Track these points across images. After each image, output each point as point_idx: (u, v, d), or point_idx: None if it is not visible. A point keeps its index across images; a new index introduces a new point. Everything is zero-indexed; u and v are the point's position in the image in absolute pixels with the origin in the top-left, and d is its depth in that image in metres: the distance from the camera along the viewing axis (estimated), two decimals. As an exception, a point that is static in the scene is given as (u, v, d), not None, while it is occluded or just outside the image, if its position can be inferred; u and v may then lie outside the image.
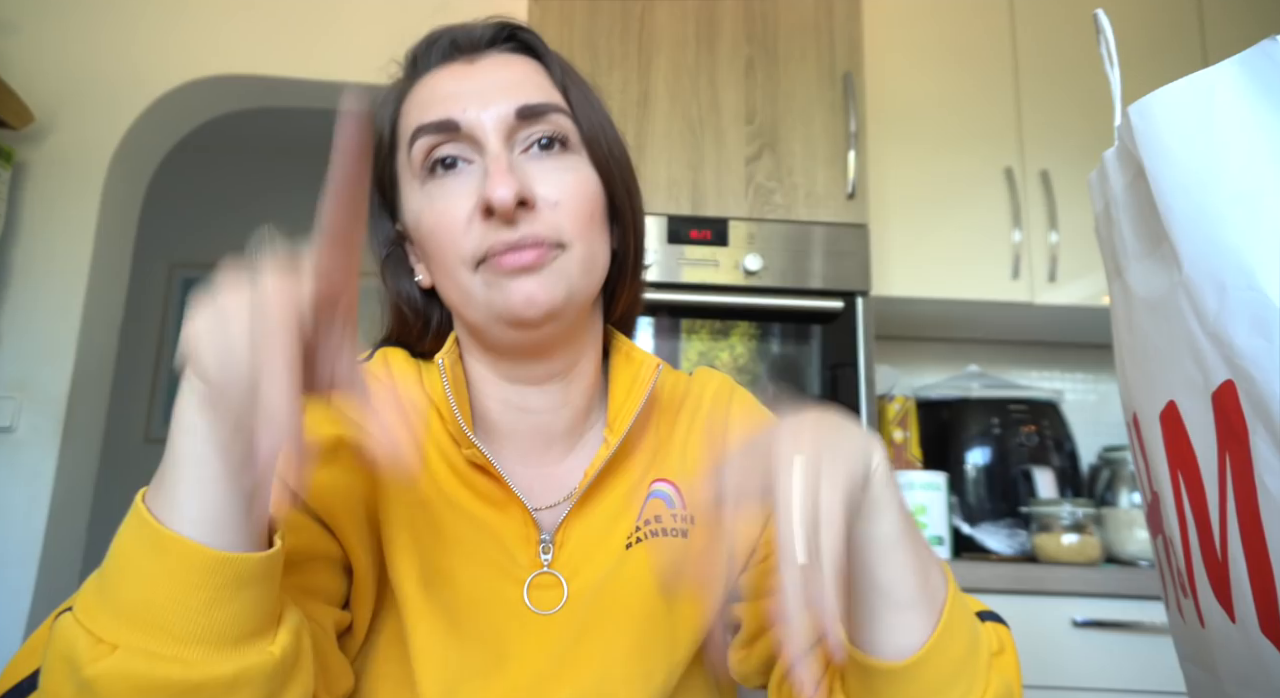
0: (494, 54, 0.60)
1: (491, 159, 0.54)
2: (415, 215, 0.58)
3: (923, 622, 0.48)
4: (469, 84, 0.57)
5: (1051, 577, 1.49)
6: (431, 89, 0.59)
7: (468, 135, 0.56)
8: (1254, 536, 0.43)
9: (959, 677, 0.49)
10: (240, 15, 1.96)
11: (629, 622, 0.56)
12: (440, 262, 0.57)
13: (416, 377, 0.62)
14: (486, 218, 0.54)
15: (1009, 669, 0.52)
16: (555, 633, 0.55)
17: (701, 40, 1.75)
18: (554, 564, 0.57)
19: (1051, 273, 1.90)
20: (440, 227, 0.55)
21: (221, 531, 0.39)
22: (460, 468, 0.59)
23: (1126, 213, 0.54)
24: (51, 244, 1.79)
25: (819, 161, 1.72)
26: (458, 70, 0.59)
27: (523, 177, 0.55)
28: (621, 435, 0.60)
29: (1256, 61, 0.43)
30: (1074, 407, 2.15)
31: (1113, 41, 0.56)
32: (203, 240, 3.24)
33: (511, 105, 0.56)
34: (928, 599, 0.49)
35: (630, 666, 0.55)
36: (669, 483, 0.62)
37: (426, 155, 0.57)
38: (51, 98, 1.83)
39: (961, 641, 0.49)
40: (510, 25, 0.62)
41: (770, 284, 1.64)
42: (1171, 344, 0.49)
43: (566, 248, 0.56)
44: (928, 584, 0.49)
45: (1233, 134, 0.43)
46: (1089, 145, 1.93)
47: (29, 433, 1.71)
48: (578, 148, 0.59)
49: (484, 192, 0.53)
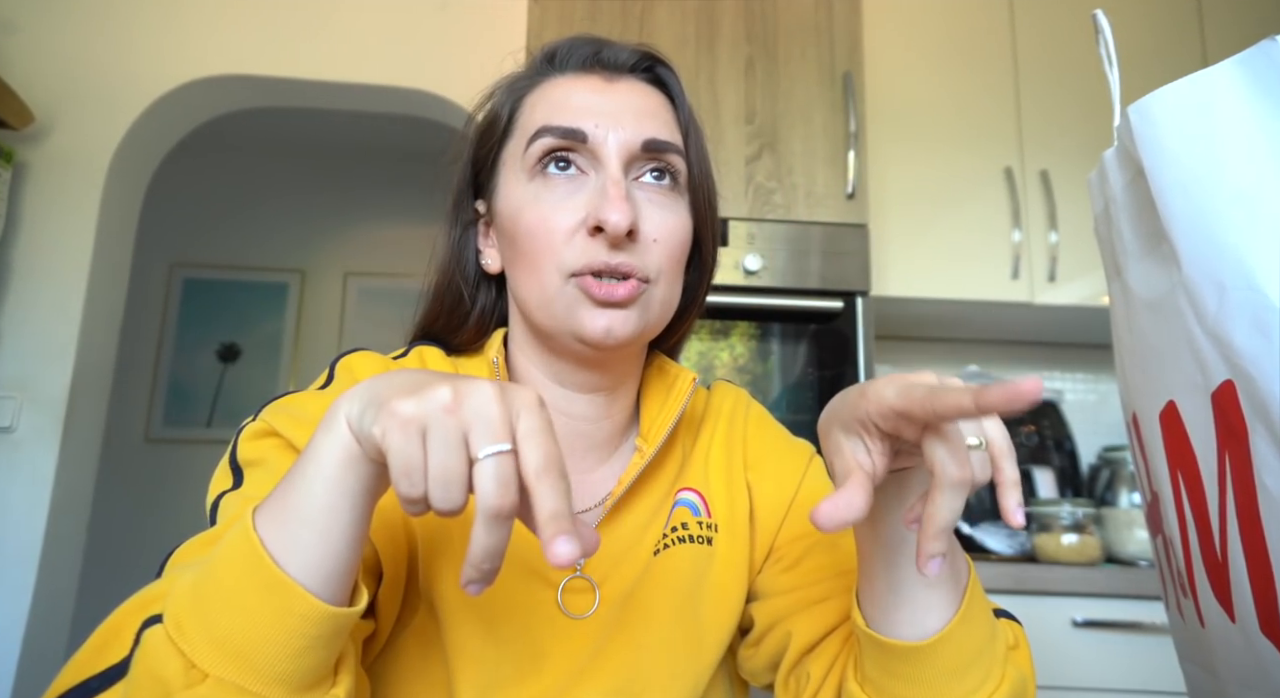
0: (631, 79, 0.61)
1: (611, 181, 0.56)
2: (514, 208, 0.58)
3: (947, 602, 0.49)
4: (603, 102, 0.58)
5: (1051, 577, 1.49)
6: (565, 93, 0.59)
7: (591, 150, 0.57)
8: (1254, 535, 0.43)
9: (977, 662, 0.49)
10: (240, 15, 1.96)
11: (656, 625, 0.57)
12: (531, 261, 0.57)
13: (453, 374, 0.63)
14: (592, 235, 0.55)
15: (1024, 664, 0.53)
16: (587, 636, 0.56)
17: (701, 40, 1.75)
18: (586, 569, 0.58)
19: (1051, 273, 1.90)
20: (543, 229, 0.56)
21: (330, 583, 0.39)
22: None
23: (1126, 213, 0.54)
24: (51, 244, 1.79)
25: (819, 161, 1.72)
26: (595, 84, 0.59)
27: (634, 206, 0.56)
28: (656, 447, 0.61)
29: (1256, 61, 0.43)
30: (1074, 407, 2.15)
31: (1112, 42, 0.56)
32: (203, 240, 3.24)
33: (640, 135, 0.57)
34: (954, 580, 0.49)
35: (658, 667, 0.56)
36: (694, 492, 0.63)
37: (544, 154, 0.57)
38: (51, 98, 1.83)
39: (981, 626, 0.50)
40: (654, 57, 0.63)
41: (770, 284, 1.64)
42: (1171, 344, 0.49)
43: (652, 284, 0.58)
44: (955, 563, 0.50)
45: (1232, 134, 0.43)
46: (1089, 145, 1.93)
47: (29, 433, 1.71)
48: (683, 190, 0.61)
49: (599, 211, 0.54)
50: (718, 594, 0.60)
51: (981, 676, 0.49)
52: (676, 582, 0.58)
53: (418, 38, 2.00)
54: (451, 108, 1.99)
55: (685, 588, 0.58)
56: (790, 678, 0.58)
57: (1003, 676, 0.50)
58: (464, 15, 2.02)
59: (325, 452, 0.39)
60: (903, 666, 0.49)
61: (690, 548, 0.60)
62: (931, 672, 0.49)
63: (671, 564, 0.59)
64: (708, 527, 0.62)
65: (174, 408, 3.06)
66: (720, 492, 0.64)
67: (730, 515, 0.63)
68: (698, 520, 0.62)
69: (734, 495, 0.64)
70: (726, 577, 0.61)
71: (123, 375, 2.73)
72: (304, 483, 0.39)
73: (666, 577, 0.58)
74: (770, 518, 0.64)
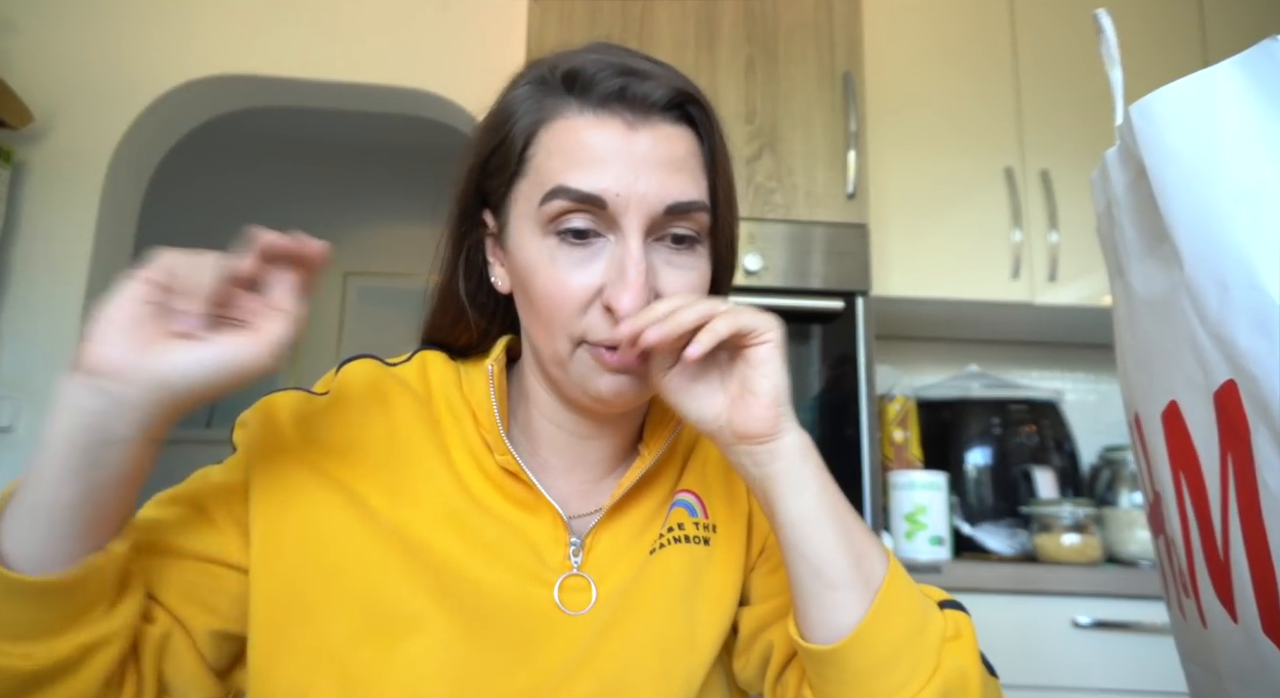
0: (658, 122, 0.55)
1: (630, 260, 0.52)
2: (527, 262, 0.56)
3: (857, 601, 0.50)
4: (626, 156, 0.53)
5: (1052, 577, 1.49)
6: (584, 140, 0.54)
7: (610, 216, 0.53)
8: (1256, 535, 0.43)
9: (900, 658, 0.49)
10: (240, 15, 1.96)
11: (649, 622, 0.57)
12: (544, 322, 0.56)
13: (455, 380, 0.63)
14: (607, 311, 0.53)
15: (965, 654, 0.52)
16: (581, 633, 0.56)
17: (701, 40, 1.75)
18: (584, 567, 0.58)
19: (1051, 273, 1.90)
20: (558, 297, 0.54)
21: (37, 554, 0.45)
22: (492, 472, 0.59)
23: (1128, 212, 0.54)
24: (51, 244, 1.79)
25: (819, 161, 1.72)
26: (617, 130, 0.54)
27: (651, 277, 0.54)
28: (658, 453, 0.62)
29: (1257, 61, 0.43)
30: (1074, 407, 2.15)
31: (1114, 41, 0.56)
32: (203, 240, 3.22)
33: (663, 199, 0.54)
34: (861, 580, 0.50)
35: (649, 665, 0.55)
36: (692, 493, 0.63)
37: (559, 216, 0.54)
38: (51, 98, 1.83)
39: (902, 621, 0.50)
40: (685, 94, 0.57)
41: (770, 284, 1.64)
42: (1173, 344, 0.49)
43: None
44: (861, 565, 0.51)
45: (1234, 133, 0.43)
46: (1089, 145, 1.93)
47: (29, 433, 1.71)
48: (704, 239, 0.57)
49: (615, 293, 0.52)
50: (713, 594, 0.60)
51: (909, 669, 0.49)
52: (670, 581, 0.58)
53: (418, 38, 2.00)
54: (451, 108, 1.99)
55: (679, 587, 0.58)
56: (776, 687, 0.59)
57: (935, 668, 0.49)
58: (464, 15, 2.02)
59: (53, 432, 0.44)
60: (824, 668, 0.50)
61: (686, 548, 0.60)
62: (851, 671, 0.49)
63: (666, 563, 0.59)
64: (705, 527, 0.62)
65: (174, 408, 3.05)
66: (719, 494, 0.64)
67: (729, 516, 0.63)
68: (694, 521, 0.62)
69: (734, 497, 0.64)
70: (723, 577, 0.61)
71: (123, 376, 2.72)
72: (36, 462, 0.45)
73: (661, 576, 0.58)
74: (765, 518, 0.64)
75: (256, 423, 0.58)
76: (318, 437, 0.58)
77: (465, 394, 0.62)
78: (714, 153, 0.58)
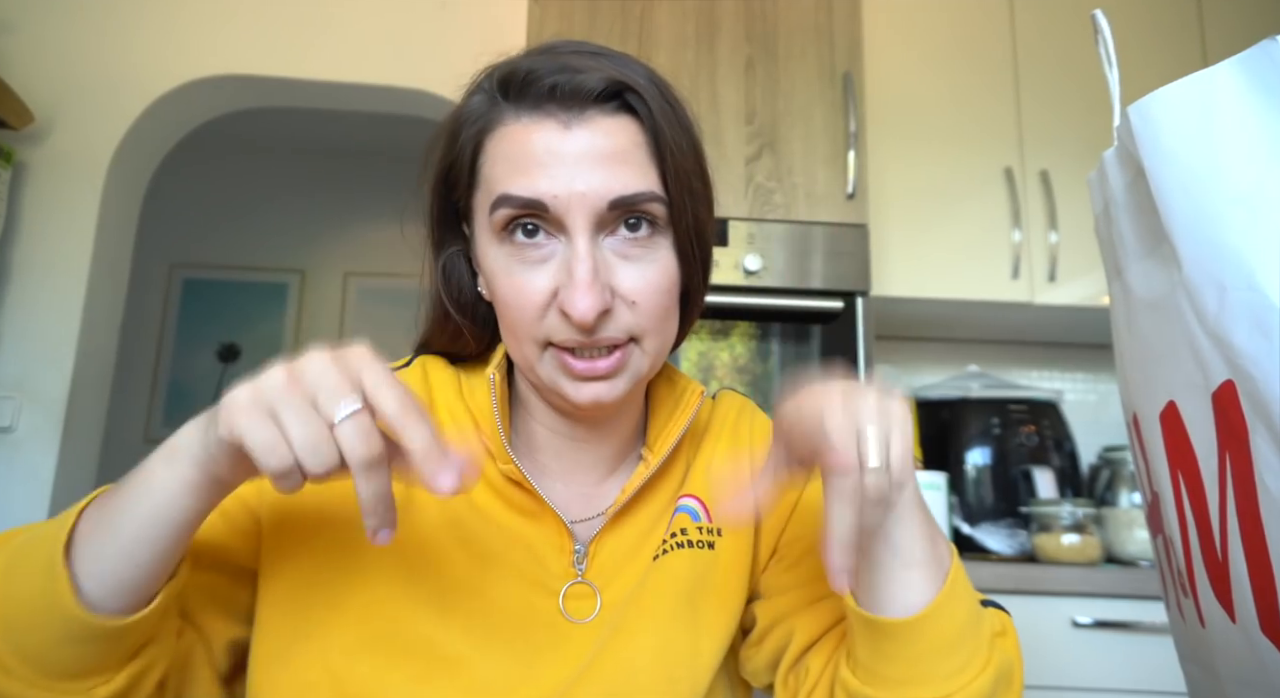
0: (593, 115, 0.53)
1: (577, 260, 0.52)
2: (489, 270, 0.56)
3: (930, 581, 0.50)
4: (562, 154, 0.52)
5: (1051, 577, 1.49)
6: (521, 144, 0.53)
7: (555, 218, 0.53)
8: (1254, 535, 0.43)
9: (962, 643, 0.50)
10: (240, 15, 1.96)
11: (654, 627, 0.57)
12: (510, 328, 0.56)
13: (456, 386, 0.63)
14: (564, 316, 0.53)
15: (1011, 650, 0.53)
16: (587, 641, 0.56)
17: (701, 40, 1.75)
18: (588, 574, 0.58)
19: (1051, 273, 1.90)
20: (516, 303, 0.54)
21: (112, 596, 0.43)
22: (495, 481, 0.59)
23: (1126, 213, 0.54)
24: (51, 244, 1.79)
25: (819, 161, 1.72)
26: (550, 131, 0.53)
27: (605, 274, 0.53)
28: (662, 458, 0.61)
29: (1256, 61, 0.43)
30: (1074, 407, 2.15)
31: (1111, 42, 0.56)
32: (203, 240, 3.24)
33: (605, 195, 0.52)
34: (936, 561, 0.51)
35: (654, 670, 0.55)
36: (695, 498, 0.63)
37: (508, 223, 0.54)
38: (51, 98, 1.83)
39: (966, 607, 0.51)
40: (620, 83, 0.54)
41: (770, 284, 1.64)
42: (1171, 344, 0.49)
43: (639, 341, 0.56)
44: (936, 548, 0.51)
45: (1232, 134, 0.43)
46: (1089, 145, 1.93)
47: (29, 433, 1.71)
48: (664, 229, 0.56)
49: (565, 297, 0.52)
50: (717, 598, 0.60)
51: (967, 655, 0.50)
52: (674, 586, 0.58)
53: (418, 38, 2.00)
54: (451, 108, 1.99)
55: (683, 592, 0.58)
56: (790, 675, 0.59)
57: (988, 659, 0.50)
58: (464, 15, 2.02)
59: (158, 483, 0.42)
60: (889, 643, 0.50)
61: (689, 553, 0.60)
62: (917, 649, 0.49)
63: (670, 569, 0.59)
64: (709, 531, 0.62)
65: (174, 408, 3.06)
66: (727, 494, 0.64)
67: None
68: (697, 526, 0.61)
69: None
70: (728, 580, 0.61)
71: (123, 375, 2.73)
72: (131, 504, 0.43)
73: (664, 582, 0.58)
74: (775, 520, 0.64)
75: None
76: None
77: (466, 400, 0.62)
78: (660, 140, 0.55)
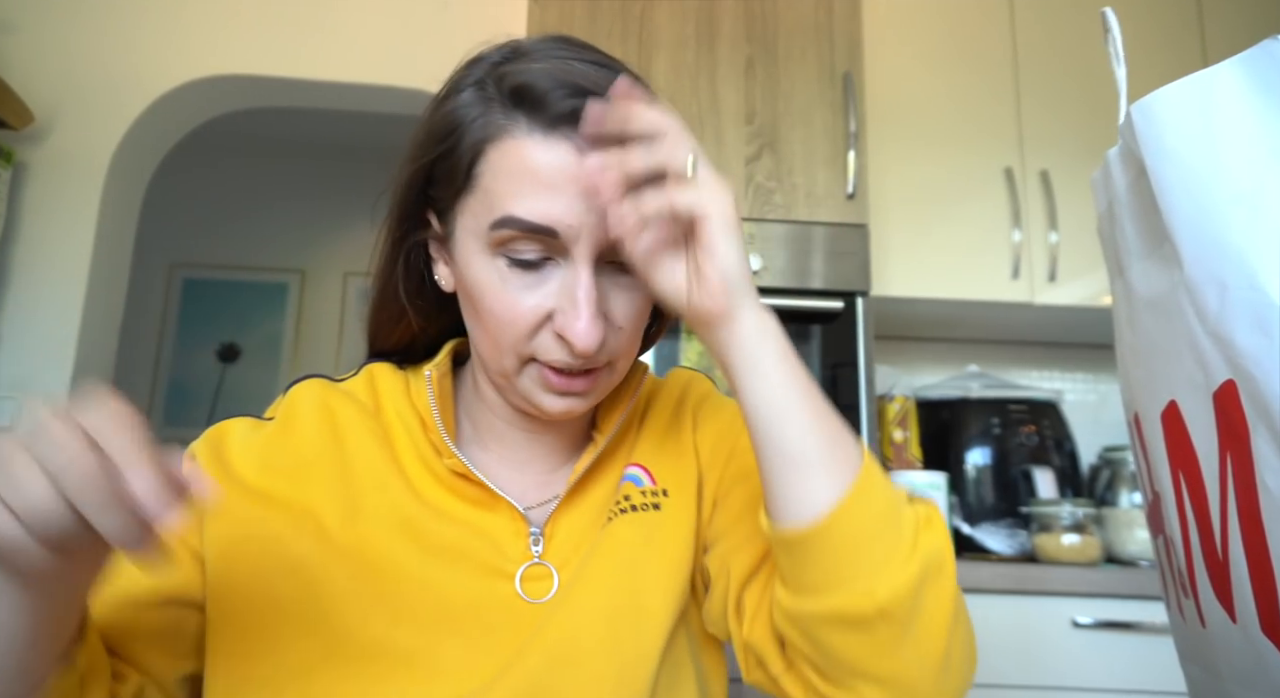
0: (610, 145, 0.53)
1: (583, 291, 0.52)
2: (474, 281, 0.55)
3: (832, 483, 0.48)
4: (577, 182, 0.51)
5: (1051, 577, 1.49)
6: (533, 164, 0.52)
7: (561, 245, 0.53)
8: (1255, 535, 0.43)
9: (879, 537, 0.48)
10: (240, 15, 1.96)
11: (595, 593, 0.57)
12: (492, 339, 0.56)
13: (403, 388, 0.64)
14: (558, 339, 0.54)
15: (938, 540, 0.50)
16: (538, 616, 0.56)
17: (701, 40, 1.75)
18: (545, 555, 0.59)
19: (1051, 273, 1.90)
20: (507, 319, 0.54)
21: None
22: (444, 476, 0.60)
23: (1129, 212, 0.54)
24: (51, 244, 1.79)
25: (819, 161, 1.72)
26: (566, 157, 0.52)
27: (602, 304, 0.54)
28: (609, 436, 0.62)
29: (1257, 61, 0.43)
30: (1074, 407, 2.15)
31: (1120, 40, 0.56)
32: (203, 240, 3.24)
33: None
34: (836, 463, 0.49)
35: (598, 632, 0.55)
36: (638, 466, 0.64)
37: (508, 242, 0.53)
38: (51, 98, 1.83)
39: (880, 503, 0.49)
40: None
41: (770, 284, 1.64)
42: (1173, 343, 0.49)
43: (614, 363, 0.58)
44: (835, 449, 0.49)
45: (1233, 133, 0.43)
46: (1089, 145, 1.93)
47: (29, 433, 1.71)
48: None
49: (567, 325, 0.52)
50: (664, 557, 0.60)
51: (887, 549, 0.48)
52: (618, 552, 0.59)
53: (418, 38, 2.00)
54: (451, 107, 1.99)
55: (625, 555, 0.59)
56: (734, 613, 0.58)
57: (911, 552, 0.48)
58: (464, 15, 2.02)
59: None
60: (802, 551, 0.49)
61: (633, 517, 0.60)
62: (831, 551, 0.48)
63: (615, 535, 0.59)
64: (653, 493, 0.62)
65: (174, 408, 3.06)
66: (668, 459, 0.64)
67: (679, 479, 0.63)
68: (640, 490, 0.62)
69: (681, 459, 0.64)
70: (675, 538, 0.61)
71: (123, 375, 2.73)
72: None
73: (609, 548, 0.59)
74: (714, 472, 0.64)
75: (206, 455, 0.58)
76: (268, 462, 0.58)
77: (413, 401, 0.62)
78: None
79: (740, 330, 0.51)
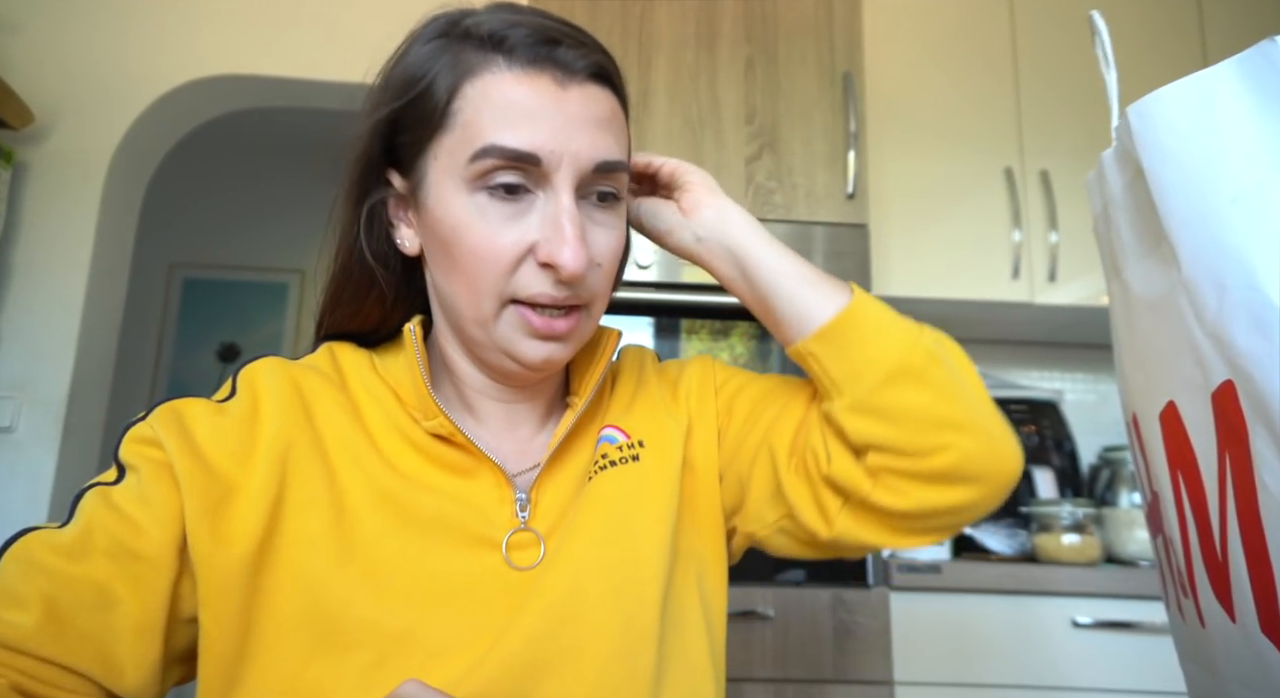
0: (584, 82, 0.56)
1: (566, 215, 0.53)
2: (453, 220, 0.55)
3: (842, 289, 0.60)
4: (557, 115, 0.54)
5: (1051, 577, 1.49)
6: (514, 97, 0.53)
7: (543, 173, 0.54)
8: (1254, 535, 0.43)
9: (897, 318, 0.59)
10: (240, 15, 1.96)
11: (589, 547, 0.57)
12: (469, 281, 0.55)
13: (369, 364, 0.62)
14: (542, 267, 0.54)
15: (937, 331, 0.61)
16: (530, 581, 0.55)
17: (701, 40, 1.75)
18: (531, 522, 0.58)
19: (1051, 273, 1.90)
20: (489, 255, 0.54)
21: None
22: (424, 445, 0.58)
23: (1125, 213, 0.54)
24: (51, 244, 1.79)
25: (819, 162, 1.72)
26: (547, 88, 0.54)
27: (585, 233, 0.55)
28: (586, 400, 0.63)
29: (1255, 62, 0.43)
30: (1074, 407, 2.15)
31: (1109, 43, 0.56)
32: (203, 240, 3.24)
33: (594, 156, 0.55)
34: (830, 285, 0.60)
35: (597, 584, 0.55)
36: (613, 426, 0.65)
37: (489, 173, 0.54)
38: (51, 98, 1.83)
39: (887, 312, 0.60)
40: (609, 69, 0.58)
41: (770, 284, 1.64)
42: (1171, 344, 0.49)
43: (588, 307, 0.58)
44: (824, 278, 0.60)
45: (1232, 134, 0.43)
46: (1089, 145, 1.93)
47: (29, 433, 1.71)
48: (623, 196, 0.59)
49: (552, 250, 0.53)
50: (651, 504, 0.60)
51: (907, 322, 0.59)
52: (604, 505, 0.59)
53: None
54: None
55: (612, 507, 0.59)
56: (798, 468, 0.61)
57: (920, 329, 0.59)
58: (464, 15, 2.02)
59: None
60: (843, 332, 0.57)
61: (613, 472, 0.61)
62: (866, 322, 0.58)
63: (597, 491, 0.59)
64: (629, 447, 0.63)
65: (174, 408, 3.05)
66: (642, 415, 0.65)
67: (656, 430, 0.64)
68: (616, 446, 0.63)
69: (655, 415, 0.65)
70: (659, 485, 0.61)
71: (123, 375, 2.73)
72: None
73: (594, 503, 0.59)
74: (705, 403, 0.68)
75: (174, 440, 0.53)
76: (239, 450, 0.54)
77: (381, 374, 0.61)
78: (628, 117, 0.61)
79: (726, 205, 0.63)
